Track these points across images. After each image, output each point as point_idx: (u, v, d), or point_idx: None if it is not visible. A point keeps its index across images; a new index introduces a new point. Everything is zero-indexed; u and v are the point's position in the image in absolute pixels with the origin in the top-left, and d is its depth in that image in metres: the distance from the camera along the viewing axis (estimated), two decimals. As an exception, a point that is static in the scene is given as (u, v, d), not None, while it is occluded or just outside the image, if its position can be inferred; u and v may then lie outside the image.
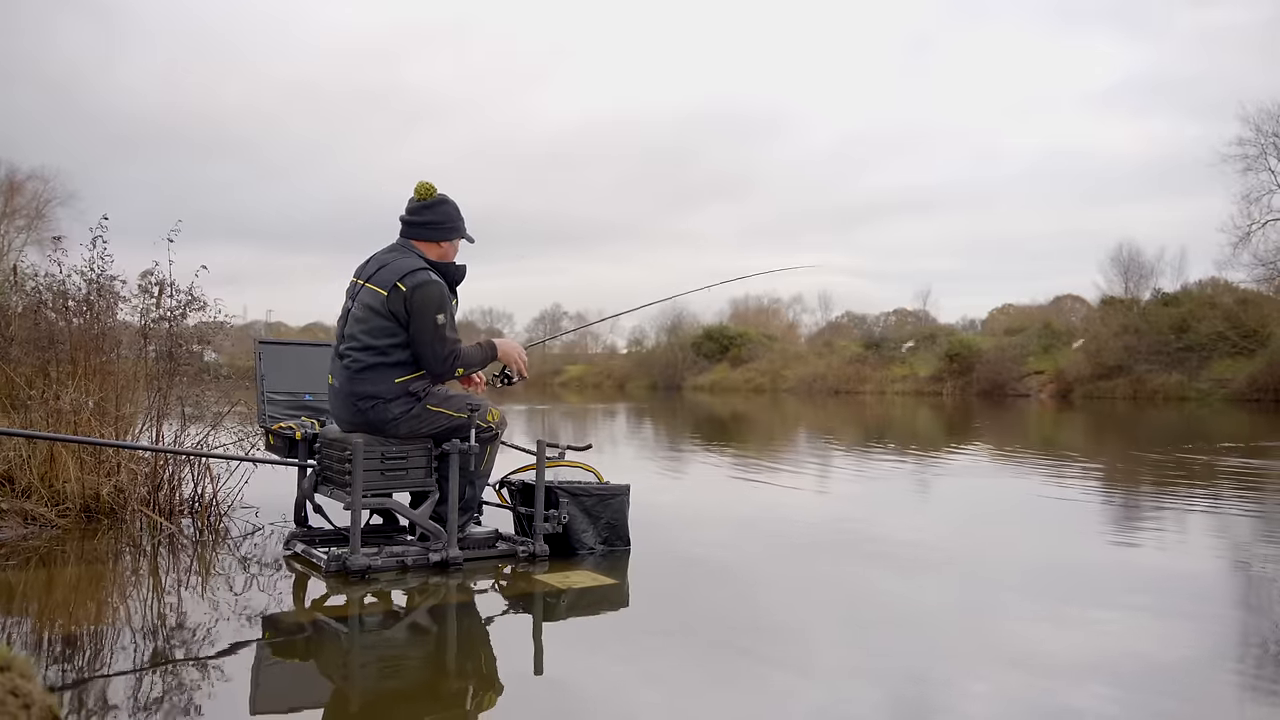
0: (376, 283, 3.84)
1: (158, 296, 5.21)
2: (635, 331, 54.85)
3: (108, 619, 3.18)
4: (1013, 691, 2.57)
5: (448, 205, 4.04)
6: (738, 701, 2.44)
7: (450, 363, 3.86)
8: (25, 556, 4.03)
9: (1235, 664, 2.84)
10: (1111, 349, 29.76)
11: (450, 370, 3.89)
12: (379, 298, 3.81)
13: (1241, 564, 4.47)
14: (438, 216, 4.00)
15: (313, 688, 2.62)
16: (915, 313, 46.71)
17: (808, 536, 4.98)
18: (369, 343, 3.82)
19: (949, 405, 25.51)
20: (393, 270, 3.83)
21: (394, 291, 3.78)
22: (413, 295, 3.77)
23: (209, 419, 5.38)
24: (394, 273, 3.82)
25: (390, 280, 3.80)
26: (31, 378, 5.10)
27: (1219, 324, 28.80)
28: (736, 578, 3.98)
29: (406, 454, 3.91)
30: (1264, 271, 30.22)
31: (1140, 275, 34.54)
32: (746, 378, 41.78)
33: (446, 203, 4.04)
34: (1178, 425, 16.57)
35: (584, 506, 4.25)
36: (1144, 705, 2.47)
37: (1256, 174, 30.18)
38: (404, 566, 3.83)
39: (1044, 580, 4.00)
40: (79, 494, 4.76)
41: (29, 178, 34.70)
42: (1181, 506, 6.11)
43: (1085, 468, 8.83)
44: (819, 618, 3.38)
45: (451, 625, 3.29)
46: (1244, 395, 25.69)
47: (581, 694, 2.55)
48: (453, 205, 4.06)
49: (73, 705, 2.30)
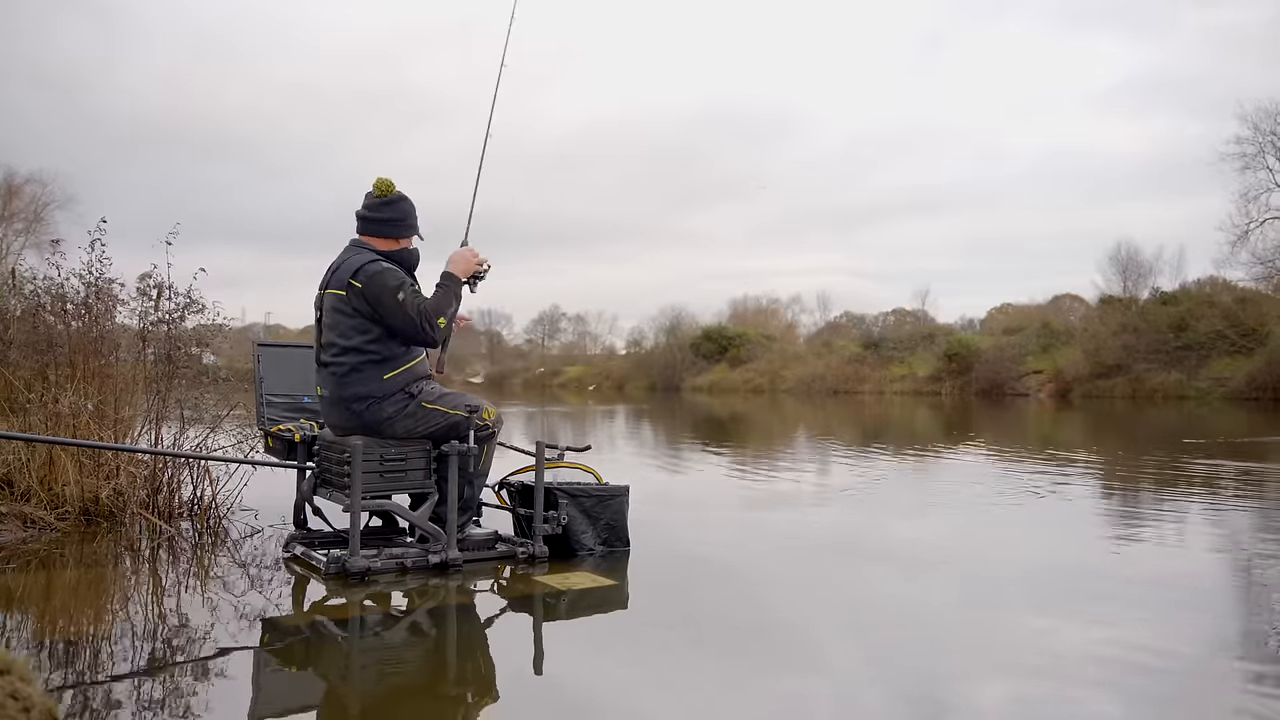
0: (335, 286, 3.89)
1: (156, 299, 5.21)
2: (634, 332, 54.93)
3: (107, 622, 3.18)
4: (1018, 691, 2.57)
5: (405, 203, 4.06)
6: (739, 702, 2.44)
7: (426, 321, 3.82)
8: (24, 560, 4.02)
9: (1237, 662, 2.84)
10: (1110, 348, 29.78)
11: (434, 328, 3.84)
12: (341, 299, 3.85)
13: (1243, 562, 4.47)
14: (396, 214, 4.02)
15: (313, 690, 2.62)
16: (914, 312, 46.79)
17: (808, 536, 4.98)
18: (347, 345, 3.84)
19: (948, 405, 25.52)
20: (345, 270, 3.87)
21: (351, 289, 3.82)
22: (368, 286, 3.79)
23: (208, 421, 5.37)
24: (347, 271, 3.85)
25: (344, 279, 3.85)
26: (30, 381, 5.09)
27: (1217, 323, 28.83)
28: (737, 578, 3.98)
29: (405, 455, 3.91)
30: (1262, 270, 30.28)
31: (1139, 274, 34.63)
32: (745, 378, 41.80)
33: (404, 200, 4.06)
34: (1177, 424, 16.57)
35: (583, 507, 4.25)
36: (1147, 705, 2.47)
37: (1255, 172, 30.26)
38: (403, 568, 3.83)
39: (1046, 579, 4.00)
40: (78, 497, 4.75)
41: (27, 181, 34.73)
42: (1182, 504, 6.11)
43: (1086, 467, 8.83)
44: (821, 617, 3.38)
45: (451, 627, 3.29)
46: (1243, 394, 25.71)
47: (582, 695, 2.55)
48: (409, 203, 4.08)
49: (73, 708, 2.30)
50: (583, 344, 62.42)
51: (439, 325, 3.87)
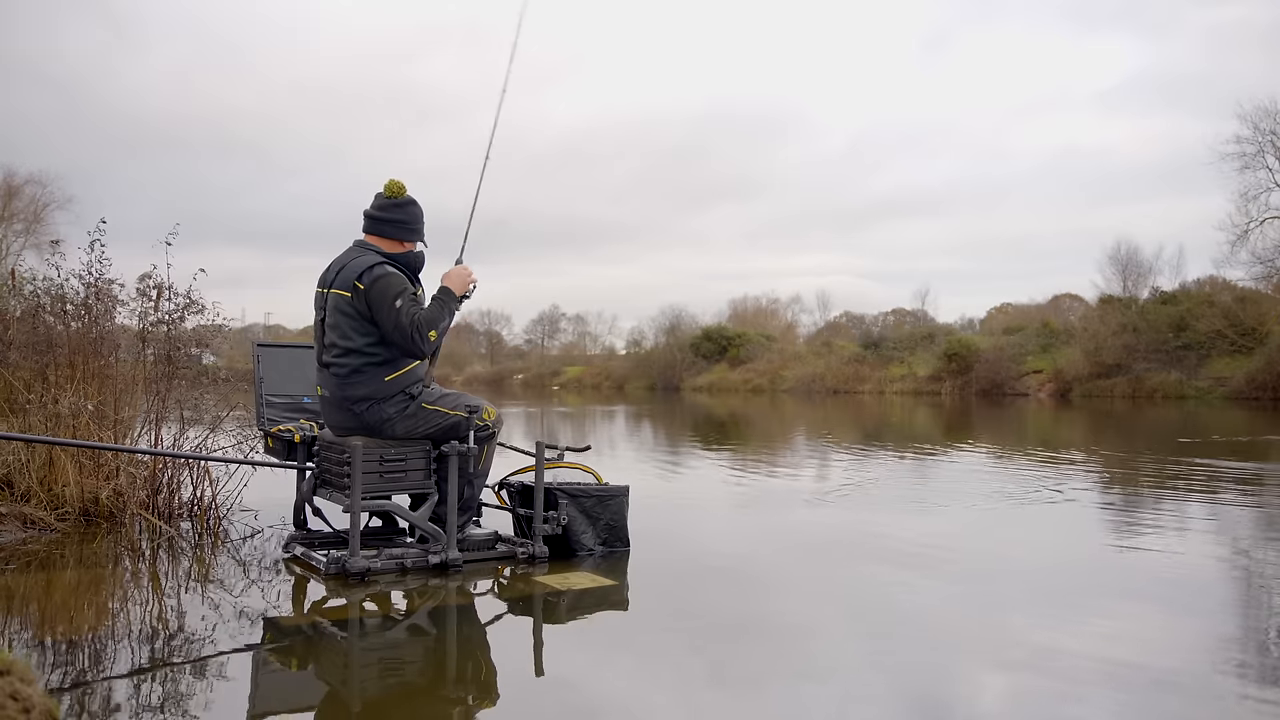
0: (339, 286, 3.87)
1: (156, 300, 5.21)
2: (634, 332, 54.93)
3: (107, 622, 3.18)
4: (1023, 691, 2.57)
5: (415, 207, 4.06)
6: (739, 701, 2.44)
7: (417, 332, 3.80)
8: (25, 560, 4.02)
9: (1241, 663, 2.84)
10: (1110, 348, 29.78)
11: (424, 340, 3.83)
12: (345, 300, 3.84)
13: (1246, 562, 4.47)
14: (405, 216, 4.02)
15: (313, 690, 2.62)
16: (914, 312, 46.79)
17: (809, 536, 4.98)
18: (350, 346, 3.83)
19: (948, 405, 25.52)
20: (350, 270, 3.86)
21: (355, 291, 3.82)
22: (370, 289, 3.79)
23: (208, 422, 5.37)
24: (352, 272, 3.85)
25: (350, 280, 3.84)
26: (30, 381, 5.10)
27: (1217, 322, 28.83)
28: (737, 578, 3.98)
29: (405, 456, 3.91)
30: (1262, 269, 30.25)
31: (1138, 274, 34.59)
32: (745, 378, 41.80)
33: (414, 204, 4.06)
34: (1177, 423, 16.57)
35: (583, 508, 4.25)
36: (1152, 704, 2.47)
37: (1254, 172, 30.21)
38: (403, 569, 3.83)
39: (1050, 579, 4.00)
40: (78, 498, 4.75)
41: (27, 181, 34.72)
42: (1183, 504, 6.11)
43: (1087, 466, 8.83)
44: (823, 617, 3.38)
45: (451, 627, 3.29)
46: (1242, 393, 25.72)
47: (582, 695, 2.55)
48: (419, 208, 4.07)
49: (73, 709, 2.30)
50: (582, 344, 62.42)
51: (430, 338, 3.86)
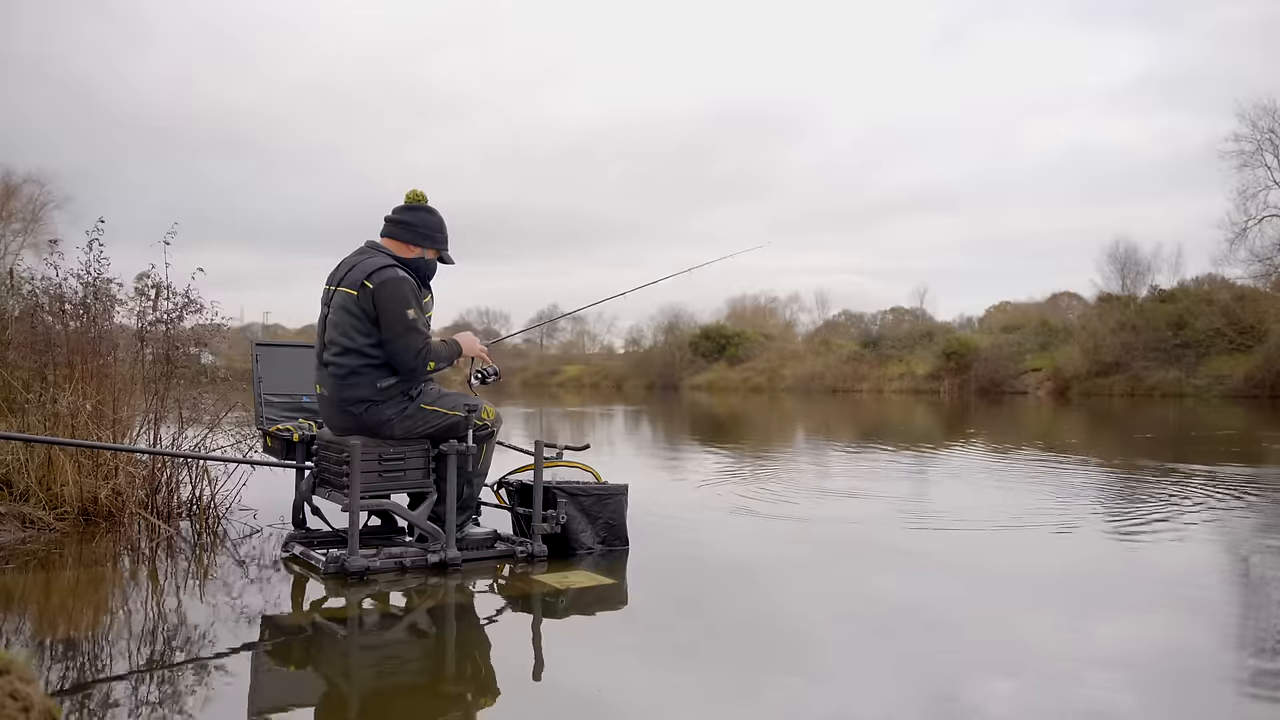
0: (348, 284, 3.86)
1: (154, 299, 5.20)
2: (632, 331, 54.89)
3: (107, 622, 3.18)
4: (1033, 691, 2.57)
5: (433, 215, 4.05)
6: (739, 701, 2.44)
7: (421, 357, 3.82)
8: (23, 560, 4.02)
9: (1251, 659, 2.85)
10: (1109, 346, 29.80)
11: (421, 366, 3.84)
12: (351, 299, 3.83)
13: (1249, 560, 4.48)
14: (417, 220, 4.01)
15: (312, 689, 2.62)
16: (912, 311, 46.80)
17: (809, 535, 4.98)
18: (351, 346, 3.82)
19: (947, 403, 25.53)
20: (360, 270, 3.85)
21: (362, 290, 3.81)
22: (379, 291, 3.78)
23: (206, 421, 5.37)
24: (361, 272, 3.84)
25: (358, 280, 3.83)
26: (29, 381, 5.09)
27: (1216, 320, 28.84)
28: (736, 576, 3.98)
29: (404, 455, 3.91)
30: (1261, 267, 30.30)
31: (1137, 272, 34.59)
32: (744, 377, 41.80)
33: (432, 213, 4.05)
34: (1176, 421, 16.58)
35: (582, 506, 4.25)
36: (1160, 703, 2.48)
37: (1253, 170, 30.27)
38: (402, 568, 3.83)
39: (1055, 579, 4.00)
40: (77, 497, 4.75)
41: (25, 180, 34.66)
42: (1183, 504, 6.11)
43: (1088, 466, 8.84)
44: (824, 616, 3.39)
45: (450, 626, 3.29)
46: (1241, 391, 25.73)
47: (581, 694, 2.55)
48: (438, 218, 4.06)
49: (73, 708, 2.30)
50: (581, 343, 62.35)
51: (429, 368, 3.88)
